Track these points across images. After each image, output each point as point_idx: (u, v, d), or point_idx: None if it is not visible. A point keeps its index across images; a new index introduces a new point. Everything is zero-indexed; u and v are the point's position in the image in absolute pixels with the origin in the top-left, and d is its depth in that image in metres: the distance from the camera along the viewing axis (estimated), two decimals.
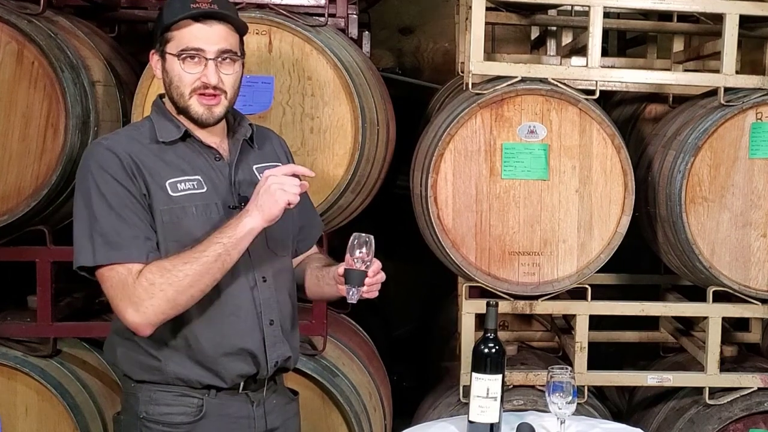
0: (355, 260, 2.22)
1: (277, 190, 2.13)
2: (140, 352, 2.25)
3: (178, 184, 2.22)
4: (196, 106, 2.24)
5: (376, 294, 2.31)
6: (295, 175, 2.18)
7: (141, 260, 2.14)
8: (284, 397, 2.47)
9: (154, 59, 2.29)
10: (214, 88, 2.23)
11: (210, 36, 2.21)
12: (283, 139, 2.60)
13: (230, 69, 2.26)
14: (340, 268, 2.27)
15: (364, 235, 2.24)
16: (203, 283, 2.14)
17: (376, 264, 2.27)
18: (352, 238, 2.24)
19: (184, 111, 2.26)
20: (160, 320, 2.15)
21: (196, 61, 2.21)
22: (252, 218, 2.15)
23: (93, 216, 2.15)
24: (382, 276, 2.30)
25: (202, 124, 2.27)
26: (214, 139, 2.32)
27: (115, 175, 2.16)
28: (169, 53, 2.22)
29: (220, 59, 2.23)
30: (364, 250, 2.22)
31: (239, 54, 2.29)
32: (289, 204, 2.16)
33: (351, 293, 2.24)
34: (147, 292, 2.11)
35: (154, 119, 2.31)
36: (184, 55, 2.20)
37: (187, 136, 2.28)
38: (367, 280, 2.24)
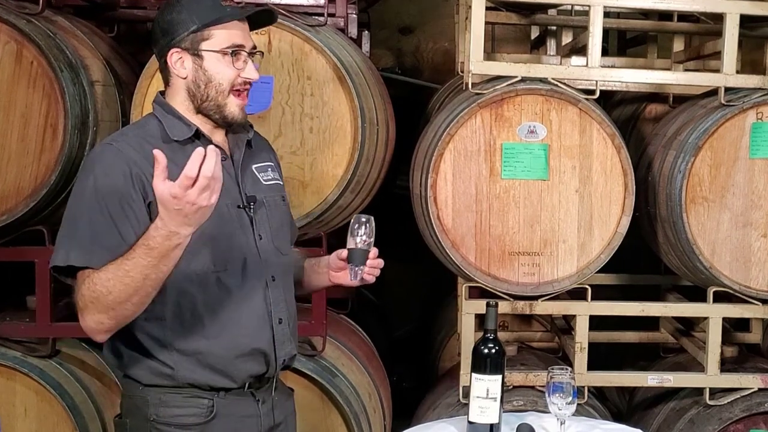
0: (358, 240, 2.30)
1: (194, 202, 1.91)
2: (150, 358, 2.22)
3: None
4: (233, 106, 2.24)
5: (373, 279, 2.38)
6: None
7: None
8: (284, 393, 2.48)
9: (176, 57, 2.22)
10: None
11: (246, 33, 2.27)
12: (269, 144, 2.59)
13: None
14: (343, 252, 2.34)
15: (363, 216, 2.31)
16: (136, 297, 2.03)
17: (375, 249, 2.35)
18: (353, 220, 2.31)
19: (214, 110, 2.23)
20: (104, 329, 2.09)
21: (239, 57, 2.23)
22: (181, 233, 1.96)
23: (83, 218, 2.09)
24: (380, 261, 2.37)
25: (231, 125, 2.27)
26: (219, 138, 2.31)
27: (118, 182, 2.11)
28: (210, 50, 2.20)
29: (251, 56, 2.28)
30: (365, 229, 2.30)
31: None
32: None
33: (354, 272, 2.32)
34: (82, 301, 2.07)
35: (160, 117, 2.26)
36: (234, 51, 2.21)
37: (197, 135, 2.25)
38: (368, 261, 2.32)
